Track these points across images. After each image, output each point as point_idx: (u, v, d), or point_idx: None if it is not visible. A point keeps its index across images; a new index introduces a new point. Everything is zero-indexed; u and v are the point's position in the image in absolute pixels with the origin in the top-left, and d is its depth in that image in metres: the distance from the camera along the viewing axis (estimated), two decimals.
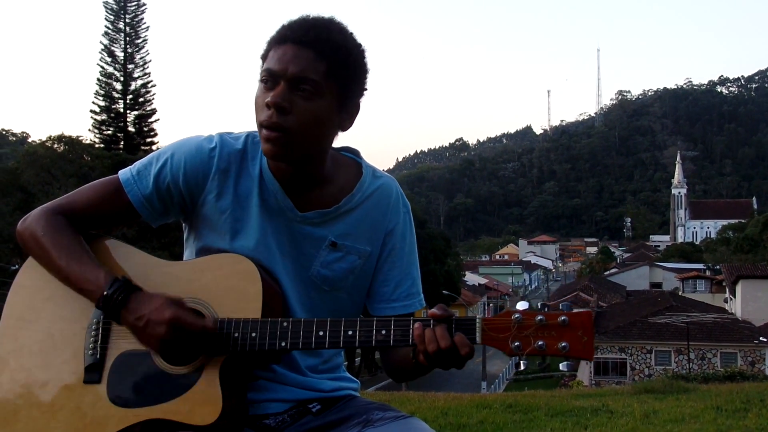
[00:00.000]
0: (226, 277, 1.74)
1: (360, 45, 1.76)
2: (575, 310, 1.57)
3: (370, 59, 1.79)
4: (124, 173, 1.84)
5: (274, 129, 1.67)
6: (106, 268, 1.74)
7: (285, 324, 1.67)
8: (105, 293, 1.68)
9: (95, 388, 1.71)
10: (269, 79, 1.68)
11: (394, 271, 1.90)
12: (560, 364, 1.57)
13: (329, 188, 1.83)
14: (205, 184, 1.80)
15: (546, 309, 1.58)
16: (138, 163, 1.85)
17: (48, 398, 1.72)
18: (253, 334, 1.67)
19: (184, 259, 1.91)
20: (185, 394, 1.66)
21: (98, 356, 1.73)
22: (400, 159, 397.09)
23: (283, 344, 1.66)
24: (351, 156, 1.92)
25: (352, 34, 1.75)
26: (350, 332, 1.64)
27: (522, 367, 1.59)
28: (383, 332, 1.63)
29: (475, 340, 1.58)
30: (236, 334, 1.67)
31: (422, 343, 1.59)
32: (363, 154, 1.92)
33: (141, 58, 47.99)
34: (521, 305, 1.59)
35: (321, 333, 1.65)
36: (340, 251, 1.84)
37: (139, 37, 47.97)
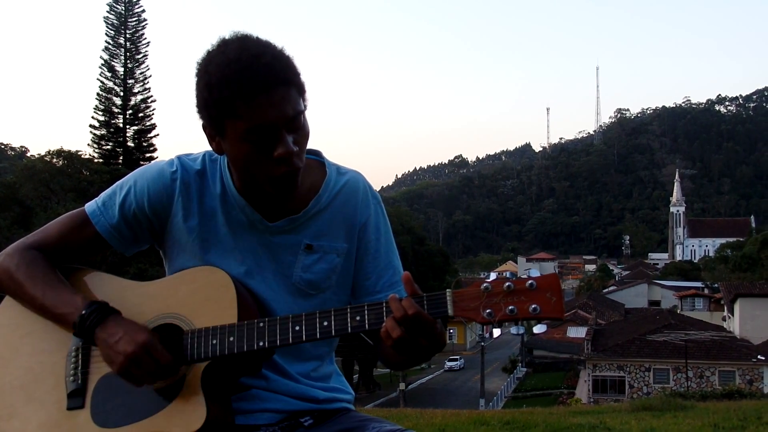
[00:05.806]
0: (201, 288, 1.75)
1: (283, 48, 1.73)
2: (541, 274, 1.60)
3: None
4: (90, 205, 1.86)
5: (298, 173, 1.69)
6: (82, 294, 1.77)
7: (261, 324, 1.67)
8: (83, 312, 1.69)
9: (79, 414, 1.71)
10: (263, 133, 1.63)
11: (374, 264, 1.89)
12: (533, 328, 1.58)
13: (295, 193, 1.79)
14: (171, 206, 1.82)
15: (514, 278, 1.59)
16: (103, 194, 1.87)
17: (33, 431, 1.72)
18: (231, 338, 1.67)
19: None
20: (170, 405, 1.66)
21: (80, 381, 1.73)
22: (399, 175, 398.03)
23: (261, 344, 1.66)
24: (313, 157, 1.89)
25: (275, 45, 1.69)
26: (325, 323, 1.63)
27: (496, 335, 1.57)
28: (357, 318, 1.61)
29: (447, 312, 1.57)
30: (214, 341, 1.68)
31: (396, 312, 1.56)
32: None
33: (141, 74, 48.35)
34: (491, 276, 1.60)
35: (297, 328, 1.64)
36: (317, 252, 1.83)
37: (140, 53, 48.30)
